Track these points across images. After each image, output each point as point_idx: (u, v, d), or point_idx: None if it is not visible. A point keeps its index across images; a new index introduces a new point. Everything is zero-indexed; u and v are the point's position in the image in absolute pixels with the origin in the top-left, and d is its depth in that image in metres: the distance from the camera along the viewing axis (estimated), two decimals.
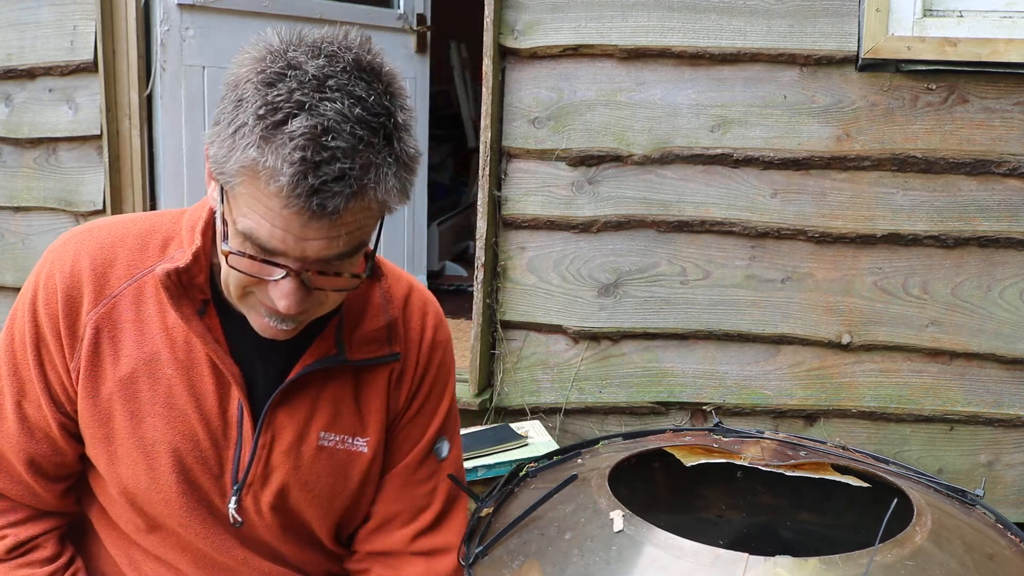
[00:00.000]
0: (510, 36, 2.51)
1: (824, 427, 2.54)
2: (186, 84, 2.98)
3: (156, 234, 1.24)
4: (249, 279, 1.09)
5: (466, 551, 1.26)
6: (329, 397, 1.27)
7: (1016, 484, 2.50)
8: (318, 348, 1.24)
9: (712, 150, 2.47)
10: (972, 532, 1.19)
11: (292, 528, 1.32)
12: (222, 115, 1.03)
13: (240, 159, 1.00)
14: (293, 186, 0.98)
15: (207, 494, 1.25)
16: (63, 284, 1.20)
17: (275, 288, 1.08)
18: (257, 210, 1.02)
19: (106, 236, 1.24)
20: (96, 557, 1.35)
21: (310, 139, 0.97)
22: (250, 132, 0.99)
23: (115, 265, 1.22)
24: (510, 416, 2.62)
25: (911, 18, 2.35)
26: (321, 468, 1.27)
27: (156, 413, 1.21)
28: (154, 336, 1.21)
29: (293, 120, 0.98)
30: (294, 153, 0.97)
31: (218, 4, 3.02)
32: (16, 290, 3.05)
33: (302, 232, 1.02)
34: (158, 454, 1.22)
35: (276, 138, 0.98)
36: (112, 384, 1.21)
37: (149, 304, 1.21)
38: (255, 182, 1.00)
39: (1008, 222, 2.40)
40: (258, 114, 0.99)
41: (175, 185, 3.01)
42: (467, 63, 5.55)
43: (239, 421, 1.23)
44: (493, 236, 2.58)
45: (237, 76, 1.03)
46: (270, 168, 0.98)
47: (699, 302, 2.53)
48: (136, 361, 1.21)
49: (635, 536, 1.13)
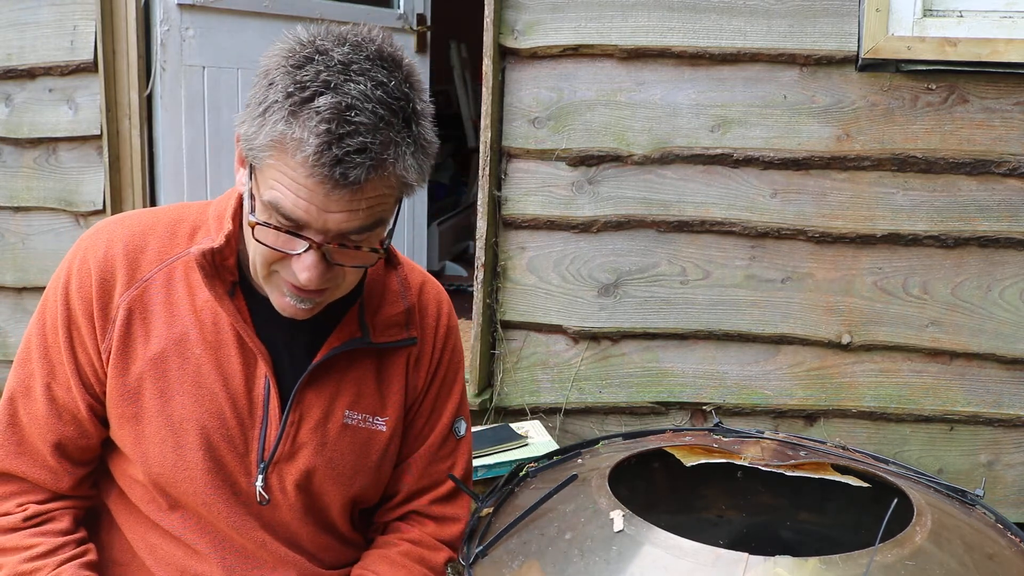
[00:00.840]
0: (510, 36, 2.51)
1: (824, 427, 2.54)
2: (186, 84, 2.98)
3: (184, 223, 1.30)
4: (274, 254, 1.15)
5: (466, 551, 1.26)
6: (353, 377, 1.32)
7: (1016, 484, 2.50)
8: (343, 331, 1.30)
9: (712, 150, 2.47)
10: (972, 532, 1.19)
11: (312, 510, 1.35)
12: (253, 98, 1.11)
13: (269, 133, 1.07)
14: (318, 156, 1.04)
15: (232, 473, 1.29)
16: (97, 268, 1.26)
17: (298, 262, 1.13)
18: (282, 181, 1.09)
19: (137, 224, 1.30)
20: (109, 546, 1.36)
21: (335, 114, 1.04)
22: (279, 108, 1.07)
23: (146, 251, 1.28)
24: (510, 416, 2.62)
25: (911, 18, 2.35)
26: (345, 446, 1.32)
27: (184, 391, 1.26)
28: (183, 317, 1.26)
29: (319, 98, 1.05)
30: (319, 126, 1.04)
31: (218, 4, 3.02)
32: (16, 290, 3.06)
33: (324, 203, 1.08)
34: (185, 432, 1.26)
35: (303, 112, 1.05)
36: (142, 363, 1.26)
37: (179, 287, 1.27)
38: (282, 154, 1.07)
39: (1008, 222, 2.40)
40: (287, 92, 1.07)
41: (175, 185, 3.01)
42: (467, 63, 5.55)
43: (265, 400, 1.28)
44: (493, 236, 2.58)
45: (268, 65, 1.12)
46: (297, 139, 1.05)
47: (699, 302, 2.53)
48: (166, 341, 1.26)
49: (635, 536, 1.13)
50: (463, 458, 1.47)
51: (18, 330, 3.08)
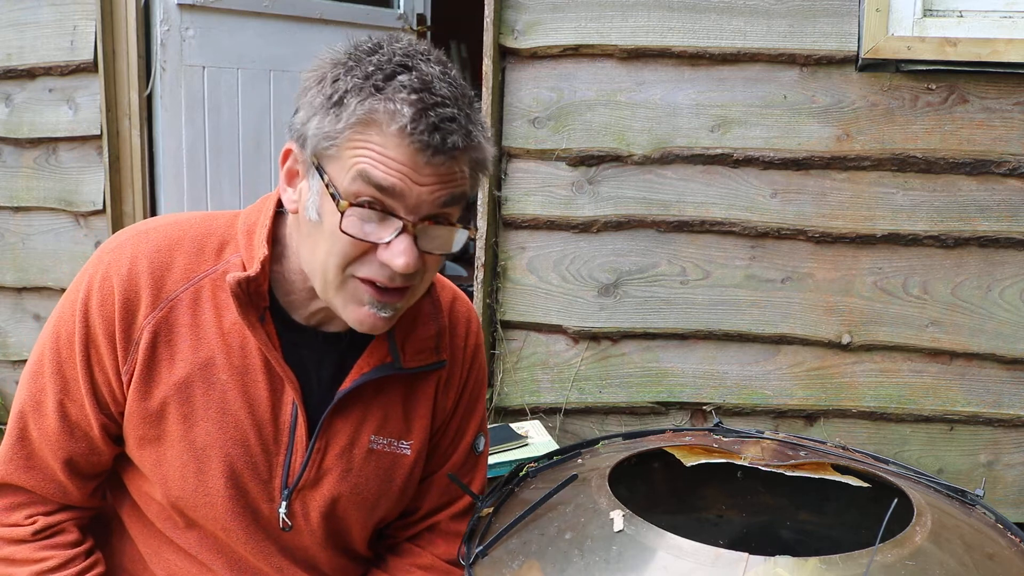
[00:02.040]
0: (510, 36, 2.51)
1: (824, 427, 2.54)
2: (186, 84, 2.98)
3: (212, 238, 1.24)
4: (357, 248, 1.10)
5: (466, 551, 1.26)
6: (380, 402, 1.29)
7: (1016, 484, 2.50)
8: (372, 355, 1.26)
9: (712, 150, 2.47)
10: (972, 532, 1.19)
11: (334, 535, 1.33)
12: (315, 99, 1.10)
13: (355, 113, 1.06)
14: (415, 123, 1.04)
15: (254, 499, 1.26)
16: (120, 287, 1.19)
17: (389, 250, 1.09)
18: (371, 155, 1.06)
19: (162, 239, 1.23)
20: (119, 552, 1.35)
21: (420, 86, 1.06)
22: (359, 91, 1.06)
23: (172, 269, 1.21)
24: (510, 416, 2.62)
25: (911, 18, 2.35)
26: (370, 471, 1.30)
27: (209, 418, 1.22)
28: (210, 341, 1.21)
29: (400, 75, 1.07)
30: (411, 95, 1.05)
31: (218, 4, 3.02)
32: (16, 290, 3.05)
33: (417, 173, 1.07)
34: (209, 459, 1.22)
35: (389, 87, 1.06)
36: (166, 387, 1.21)
37: (206, 308, 1.21)
38: (369, 129, 1.06)
39: (1008, 222, 2.40)
40: (365, 74, 1.07)
41: (175, 185, 3.01)
42: (467, 63, 5.56)
43: (292, 427, 1.24)
44: (493, 236, 2.58)
45: (320, 73, 1.11)
46: (390, 111, 1.05)
47: (699, 302, 2.53)
48: (191, 365, 1.21)
49: (635, 536, 1.13)
50: (482, 472, 1.46)
51: (18, 330, 3.08)
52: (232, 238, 1.24)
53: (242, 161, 3.20)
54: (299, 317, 1.24)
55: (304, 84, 1.13)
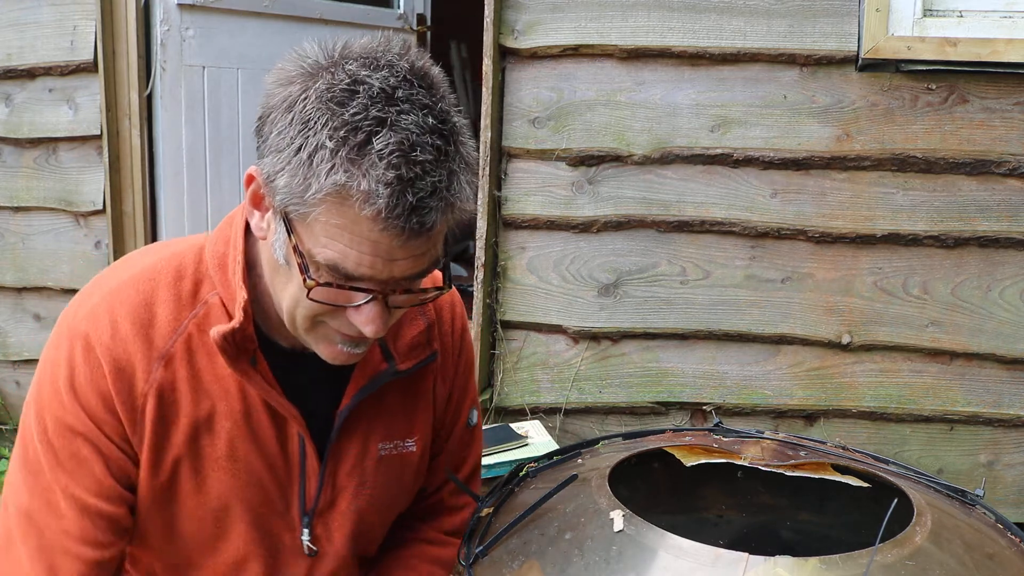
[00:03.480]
0: (510, 36, 2.51)
1: (824, 427, 2.54)
2: (186, 84, 2.98)
3: (185, 280, 1.16)
4: (325, 308, 1.05)
5: (466, 551, 1.26)
6: (382, 409, 1.28)
7: (1016, 484, 2.50)
8: (366, 366, 1.23)
9: (712, 150, 2.47)
10: (972, 532, 1.19)
11: (358, 547, 1.33)
12: (283, 140, 0.97)
13: (325, 185, 0.94)
14: (392, 207, 0.94)
15: (277, 533, 1.25)
16: (108, 356, 1.11)
17: (357, 314, 1.04)
18: (341, 239, 0.97)
19: (136, 294, 1.14)
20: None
21: (400, 156, 0.94)
22: (332, 155, 0.94)
23: (156, 323, 1.13)
24: (510, 416, 2.62)
25: (911, 18, 2.35)
26: (382, 478, 1.29)
27: (219, 467, 1.18)
28: (209, 390, 1.16)
29: (376, 138, 0.94)
30: (388, 172, 0.93)
31: (218, 4, 3.02)
32: (16, 290, 3.05)
33: (392, 253, 0.99)
34: (225, 507, 1.20)
35: (364, 159, 0.94)
36: (176, 447, 1.16)
37: (199, 357, 1.15)
38: (342, 208, 0.95)
39: (1008, 222, 2.40)
40: (338, 136, 0.94)
41: (175, 185, 3.01)
42: (467, 63, 5.55)
43: (301, 456, 1.22)
44: (493, 236, 2.58)
45: (290, 96, 0.98)
46: (364, 191, 0.93)
47: (699, 302, 2.53)
48: (195, 419, 1.16)
49: (635, 536, 1.13)
50: (478, 444, 1.47)
51: (18, 330, 3.08)
52: (204, 274, 1.16)
53: (242, 161, 3.20)
54: (283, 341, 1.20)
55: (270, 99, 1.01)
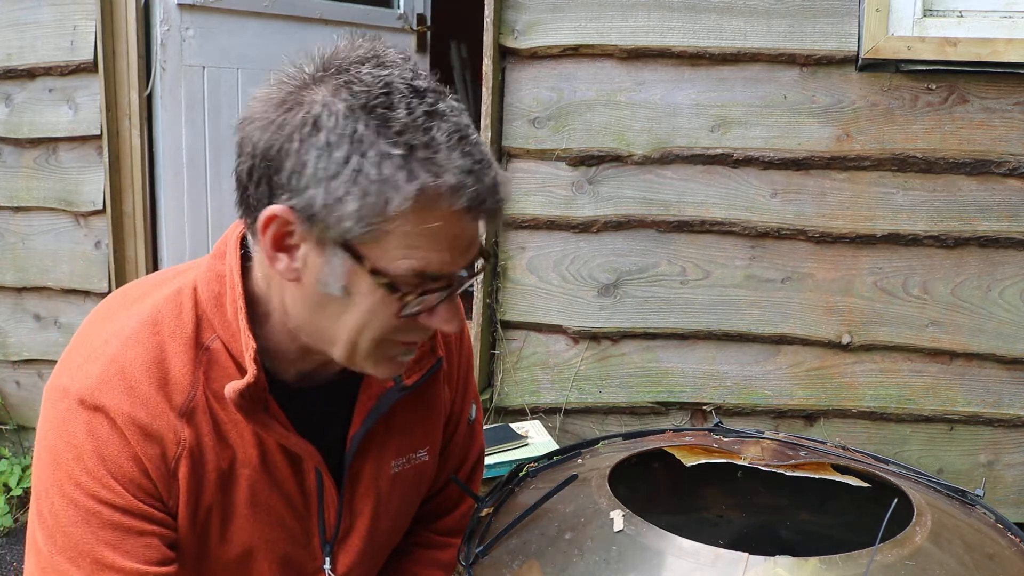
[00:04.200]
0: (510, 36, 2.51)
1: (824, 427, 2.54)
2: (186, 84, 2.98)
3: (185, 326, 1.09)
4: (402, 323, 1.01)
5: (466, 551, 1.26)
6: (394, 426, 1.26)
7: (1016, 484, 2.50)
8: (371, 386, 1.20)
9: (712, 150, 2.47)
10: (972, 532, 1.19)
11: (374, 560, 1.32)
12: (330, 165, 0.91)
13: (410, 193, 0.90)
14: (478, 193, 0.93)
15: (300, 563, 1.23)
16: (133, 426, 1.05)
17: (432, 317, 1.01)
18: (423, 243, 0.94)
19: (144, 351, 1.07)
20: None
21: (461, 141, 0.93)
22: (404, 161, 0.90)
23: (170, 379, 1.07)
24: (510, 416, 2.62)
25: (911, 18, 2.35)
26: (398, 494, 1.28)
27: (241, 515, 1.16)
28: (229, 440, 1.12)
29: (436, 132, 0.92)
30: (464, 161, 0.92)
31: (218, 4, 3.02)
32: (16, 290, 3.05)
33: (469, 242, 0.98)
34: (249, 551, 1.18)
35: (437, 155, 0.91)
36: (207, 499, 1.12)
37: (215, 407, 1.10)
38: (428, 211, 0.92)
39: (1008, 222, 2.40)
40: (401, 141, 0.91)
41: (175, 185, 3.01)
42: (467, 63, 5.55)
43: (319, 489, 1.20)
44: (493, 236, 2.58)
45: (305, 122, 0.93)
46: (451, 186, 0.91)
47: (699, 302, 2.53)
48: (220, 469, 1.12)
49: (635, 536, 1.13)
50: (478, 439, 1.46)
51: (18, 330, 3.08)
52: (202, 317, 1.10)
53: None
54: (287, 378, 1.16)
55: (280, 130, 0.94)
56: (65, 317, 3.00)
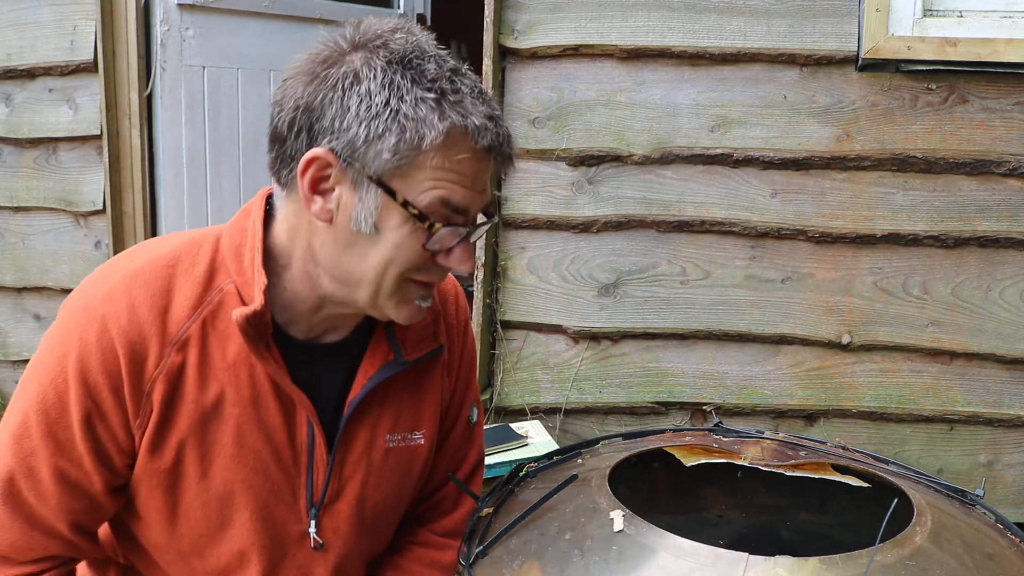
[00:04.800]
0: (510, 36, 2.51)
1: (824, 427, 2.54)
2: (186, 84, 2.98)
3: (200, 267, 1.17)
4: (425, 256, 1.12)
5: (466, 551, 1.26)
6: (391, 401, 1.28)
7: (1016, 484, 2.50)
8: (375, 357, 1.25)
9: (712, 150, 2.47)
10: (972, 532, 1.19)
11: (364, 541, 1.32)
12: (372, 107, 1.05)
13: (442, 129, 1.05)
14: (497, 138, 1.09)
15: (283, 525, 1.24)
16: (123, 339, 1.12)
17: (451, 257, 1.13)
18: (450, 175, 1.08)
19: (155, 279, 1.15)
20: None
21: (481, 96, 1.10)
22: (437, 104, 1.05)
23: (172, 309, 1.15)
24: (510, 416, 2.62)
25: (911, 18, 2.35)
26: (389, 470, 1.30)
27: (225, 454, 1.18)
28: (218, 376, 1.16)
29: (461, 85, 1.08)
30: (485, 108, 1.09)
31: (218, 4, 3.02)
32: (16, 290, 3.05)
33: (484, 184, 1.12)
34: (231, 495, 1.20)
35: (464, 101, 1.07)
36: (181, 432, 1.16)
37: (212, 343, 1.16)
38: (456, 147, 1.07)
39: (1008, 222, 2.40)
40: (435, 88, 1.06)
41: (175, 185, 3.01)
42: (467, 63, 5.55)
43: (310, 446, 1.22)
44: (493, 236, 2.58)
45: (346, 75, 1.06)
46: (477, 127, 1.07)
47: (699, 302, 2.53)
48: (202, 405, 1.16)
49: (635, 536, 1.13)
50: (478, 442, 1.47)
51: (18, 330, 3.08)
52: (220, 264, 1.18)
53: (242, 161, 3.20)
54: (297, 333, 1.21)
55: (326, 84, 1.06)
56: None
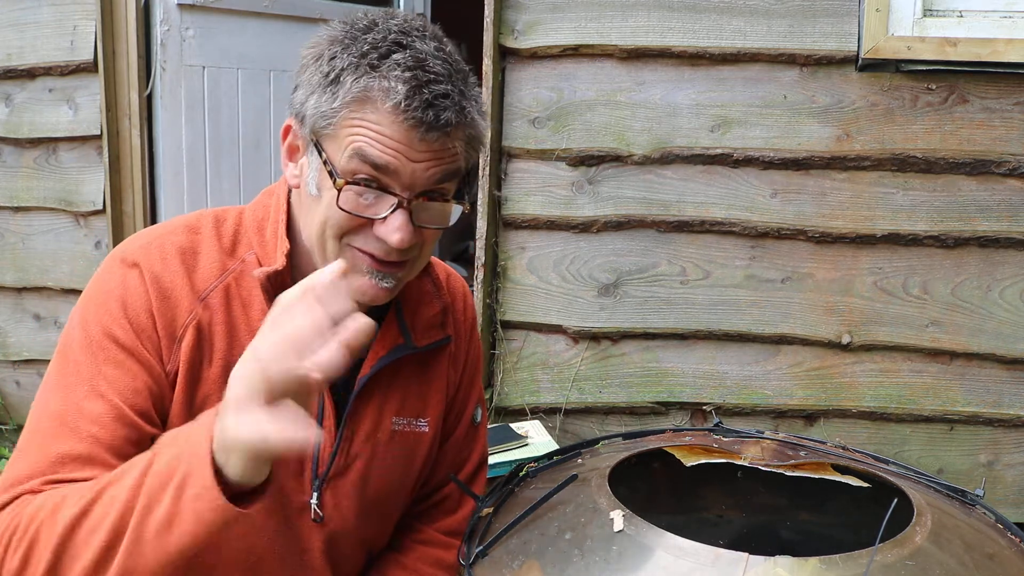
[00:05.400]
0: (510, 36, 2.51)
1: (824, 427, 2.54)
2: (186, 84, 2.98)
3: (225, 237, 1.24)
4: (355, 220, 1.13)
5: (466, 551, 1.26)
6: (398, 384, 1.32)
7: (1016, 484, 2.50)
8: (385, 338, 1.28)
9: (712, 150, 2.47)
10: (972, 532, 1.19)
11: (363, 523, 1.33)
12: (313, 77, 1.13)
13: (350, 91, 1.09)
14: (409, 100, 1.08)
15: (288, 495, 1.25)
16: (156, 284, 1.18)
17: (385, 225, 1.13)
18: (366, 133, 1.10)
19: (185, 240, 1.22)
20: None
21: (414, 64, 1.10)
22: (355, 69, 1.10)
23: (199, 267, 1.21)
24: (510, 416, 2.62)
25: (911, 18, 2.35)
26: (394, 453, 1.32)
27: None
28: (240, 338, 1.20)
29: (395, 54, 1.10)
30: (404, 73, 1.09)
31: (218, 4, 3.02)
32: (16, 290, 3.05)
33: (411, 151, 1.11)
34: None
35: (383, 65, 1.09)
36: (208, 385, 1.19)
37: (235, 306, 1.21)
38: (364, 107, 1.10)
39: (1008, 222, 2.40)
40: (361, 53, 1.10)
41: (175, 185, 3.01)
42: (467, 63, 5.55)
43: (319, 417, 1.24)
44: (493, 236, 2.58)
45: (318, 51, 1.14)
46: (385, 88, 1.08)
47: (699, 302, 2.53)
48: (227, 362, 1.19)
49: (635, 536, 1.13)
50: (481, 442, 1.49)
51: (18, 330, 3.08)
52: (243, 236, 1.25)
53: (242, 161, 3.20)
54: None
55: (303, 61, 1.16)
56: (65, 317, 3.00)
